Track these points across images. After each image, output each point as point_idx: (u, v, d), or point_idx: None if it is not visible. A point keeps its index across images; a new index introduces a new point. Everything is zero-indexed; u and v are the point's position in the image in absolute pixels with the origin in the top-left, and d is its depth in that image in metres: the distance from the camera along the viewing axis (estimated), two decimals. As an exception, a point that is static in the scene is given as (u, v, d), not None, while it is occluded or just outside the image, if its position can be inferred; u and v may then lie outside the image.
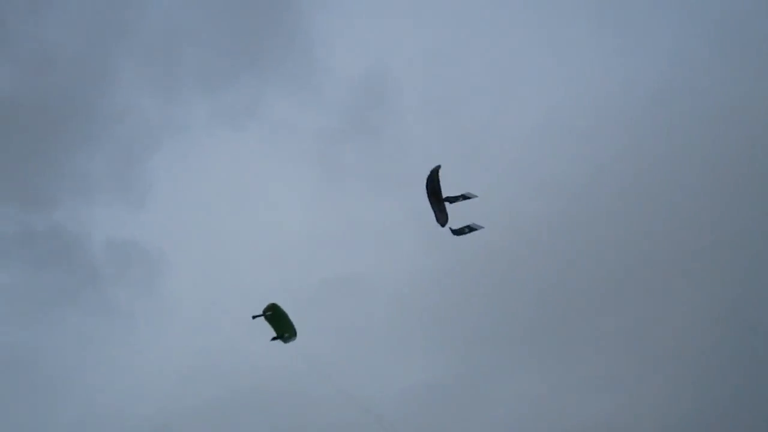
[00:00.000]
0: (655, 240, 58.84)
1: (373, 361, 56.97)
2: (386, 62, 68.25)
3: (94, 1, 67.00)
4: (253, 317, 37.54)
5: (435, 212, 33.59)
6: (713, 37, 63.73)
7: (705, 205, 59.09)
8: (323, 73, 67.65)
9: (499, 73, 68.81)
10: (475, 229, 34.02)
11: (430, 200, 33.43)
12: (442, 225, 33.79)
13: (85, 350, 60.03)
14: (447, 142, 64.96)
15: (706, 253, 58.21)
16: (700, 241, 58.86)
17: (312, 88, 67.77)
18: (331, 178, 66.46)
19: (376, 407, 54.57)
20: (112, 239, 64.35)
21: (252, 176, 68.37)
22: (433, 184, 33.02)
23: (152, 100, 66.62)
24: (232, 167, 68.49)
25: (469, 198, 33.39)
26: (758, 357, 54.23)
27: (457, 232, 34.03)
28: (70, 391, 57.91)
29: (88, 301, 61.27)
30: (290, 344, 38.84)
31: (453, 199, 33.34)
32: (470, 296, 56.83)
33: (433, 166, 32.77)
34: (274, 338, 37.95)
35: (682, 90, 62.36)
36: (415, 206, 61.65)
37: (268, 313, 37.16)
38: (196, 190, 68.81)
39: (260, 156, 67.52)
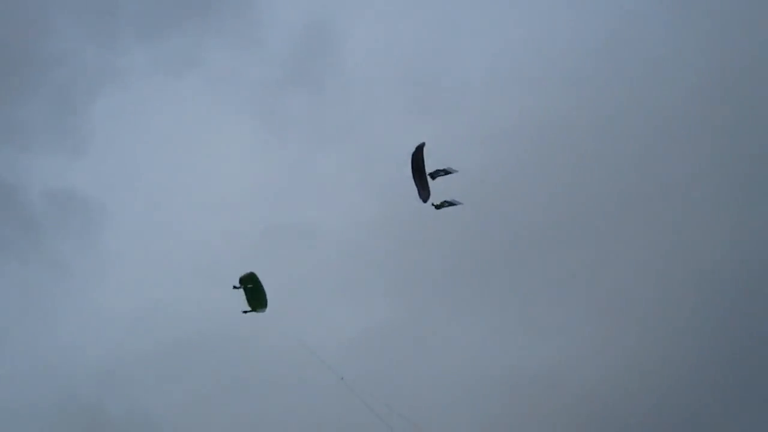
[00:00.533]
0: (600, 187, 59.65)
1: (321, 308, 57.09)
2: (330, 12, 67.56)
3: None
4: (234, 287, 37.41)
5: (418, 188, 33.73)
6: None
7: (652, 151, 60.02)
8: (265, 23, 66.63)
9: (446, 23, 68.44)
10: (455, 204, 34.46)
11: (414, 177, 33.53)
12: (425, 201, 33.98)
13: (24, 300, 59.35)
14: (391, 93, 64.75)
15: (652, 200, 59.31)
16: (645, 188, 59.87)
17: (253, 37, 66.68)
18: (274, 128, 65.74)
19: (324, 353, 55.17)
20: (50, 189, 63.05)
21: (193, 125, 67.34)
22: (417, 161, 33.10)
23: (90, 46, 64.78)
24: (172, 116, 67.24)
25: (450, 173, 33.77)
26: (702, 301, 55.59)
27: (439, 206, 34.22)
28: (10, 341, 57.07)
29: (27, 252, 60.19)
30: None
31: (435, 175, 33.55)
32: (415, 242, 57.09)
33: (417, 144, 33.02)
34: (245, 311, 38.13)
35: (628, 40, 62.85)
36: (359, 155, 62.28)
37: (249, 286, 37.28)
38: (136, 139, 67.57)
39: (201, 105, 66.63)
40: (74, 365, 55.66)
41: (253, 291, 37.50)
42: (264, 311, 38.41)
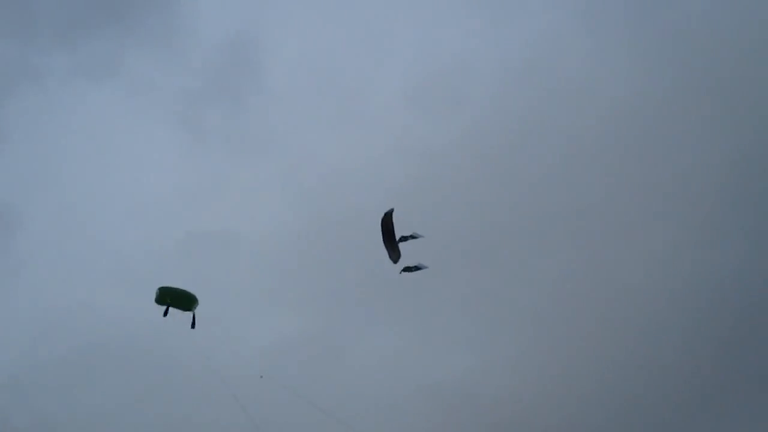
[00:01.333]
0: (519, 201, 61.10)
1: (237, 316, 56.91)
2: (252, 24, 68.16)
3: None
4: (164, 315, 37.81)
5: (388, 251, 34.73)
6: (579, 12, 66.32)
7: (567, 171, 61.76)
8: (187, 34, 66.32)
9: (367, 37, 69.35)
10: (421, 268, 35.13)
11: (384, 240, 34.57)
12: (395, 262, 34.88)
13: None
14: (311, 105, 65.35)
15: (570, 215, 60.93)
16: (563, 203, 61.44)
17: (175, 47, 66.60)
18: (194, 138, 65.42)
19: (237, 363, 54.87)
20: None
21: (111, 132, 66.46)
22: (387, 225, 34.22)
23: (7, 46, 63.20)
24: (90, 121, 66.10)
25: (416, 238, 34.68)
26: (614, 314, 57.18)
27: (408, 269, 34.96)
28: None
29: None
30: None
31: (404, 239, 34.49)
32: (332, 253, 57.51)
33: (385, 212, 34.16)
34: (192, 324, 38.84)
35: (549, 61, 64.74)
36: (279, 166, 62.38)
37: (169, 301, 37.38)
38: (52, 141, 65.93)
39: (120, 112, 65.88)
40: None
41: (177, 300, 37.40)
42: (198, 305, 38.25)
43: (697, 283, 56.25)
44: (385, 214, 34.23)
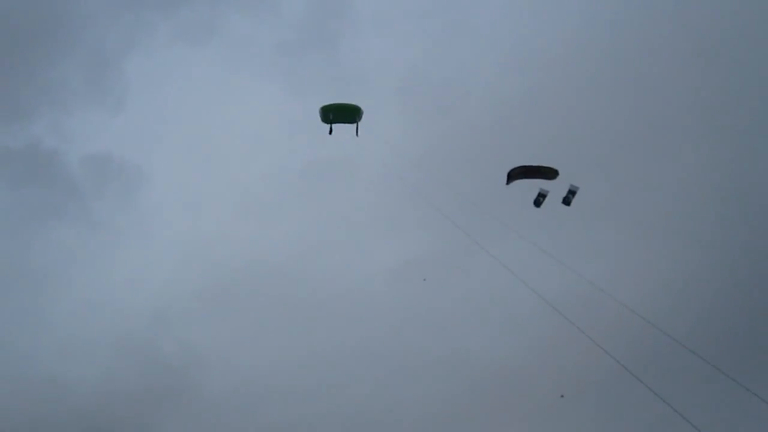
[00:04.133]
0: (637, 109, 59.35)
1: (362, 241, 58.53)
2: None
3: None
4: (330, 133, 37.88)
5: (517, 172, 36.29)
6: None
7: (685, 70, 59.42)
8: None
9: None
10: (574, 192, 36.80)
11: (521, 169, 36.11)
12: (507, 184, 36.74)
13: (72, 259, 60.91)
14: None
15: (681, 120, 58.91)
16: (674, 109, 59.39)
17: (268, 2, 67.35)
18: (293, 90, 66.12)
19: (367, 285, 56.61)
20: (89, 153, 64.77)
21: (217, 90, 68.08)
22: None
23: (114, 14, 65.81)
24: (196, 82, 68.38)
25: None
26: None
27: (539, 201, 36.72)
28: (62, 290, 59.07)
29: (70, 215, 62.08)
30: None
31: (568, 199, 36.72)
32: (453, 171, 57.49)
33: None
34: (357, 131, 38.49)
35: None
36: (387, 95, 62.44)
37: (332, 118, 37.54)
38: (165, 102, 68.63)
39: (223, 70, 67.68)
40: (128, 304, 57.53)
41: (340, 114, 37.70)
42: (363, 114, 38.37)
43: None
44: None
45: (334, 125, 38.19)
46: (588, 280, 35.46)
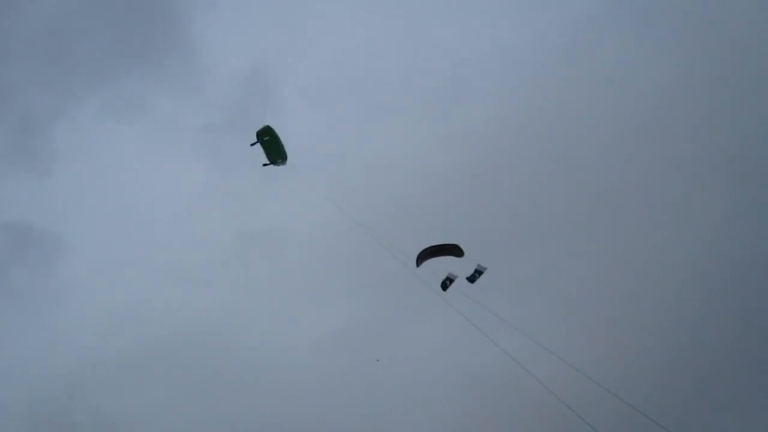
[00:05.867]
0: (563, 189, 61.20)
1: (287, 311, 58.35)
2: (268, 57, 68.97)
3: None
4: (251, 144, 37.41)
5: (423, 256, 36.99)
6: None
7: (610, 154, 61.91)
8: (205, 70, 67.35)
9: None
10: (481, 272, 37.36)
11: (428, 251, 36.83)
12: (417, 266, 37.10)
13: None
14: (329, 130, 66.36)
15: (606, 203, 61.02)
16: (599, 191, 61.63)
17: (195, 85, 67.64)
18: (218, 168, 66.21)
19: (291, 355, 56.32)
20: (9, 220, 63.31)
21: (143, 165, 67.69)
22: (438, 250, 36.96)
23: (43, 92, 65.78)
24: (122, 156, 67.53)
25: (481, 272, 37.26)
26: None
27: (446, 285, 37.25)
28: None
29: None
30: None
31: (473, 278, 37.25)
32: (377, 245, 58.23)
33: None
34: (265, 164, 38.03)
35: (599, 38, 64.69)
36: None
37: (265, 138, 37.17)
38: (90, 172, 67.26)
39: (149, 147, 66.66)
40: (42, 371, 55.86)
41: (270, 143, 37.33)
42: (284, 164, 38.20)
43: (748, 266, 56.00)
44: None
45: (258, 146, 38.04)
46: (511, 356, 35.80)
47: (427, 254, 37.11)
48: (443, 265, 37.65)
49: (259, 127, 37.55)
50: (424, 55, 66.77)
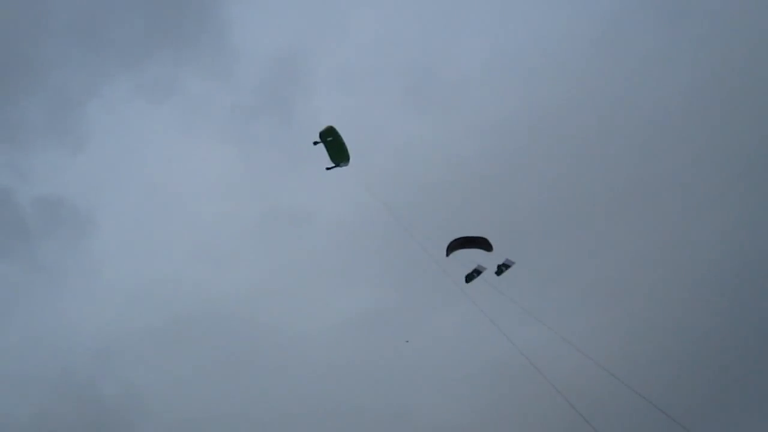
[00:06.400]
0: (593, 182, 60.70)
1: (316, 292, 58.61)
2: (299, 40, 69.44)
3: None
4: (314, 143, 36.50)
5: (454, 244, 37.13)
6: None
7: (647, 144, 61.13)
8: (235, 53, 68.21)
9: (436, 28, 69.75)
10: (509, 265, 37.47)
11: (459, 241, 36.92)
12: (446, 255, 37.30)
13: (15, 296, 60.47)
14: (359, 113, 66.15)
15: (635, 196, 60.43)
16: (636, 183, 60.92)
17: (225, 67, 68.59)
18: (246, 149, 67.39)
19: (316, 336, 56.54)
20: (42, 193, 64.69)
21: (173, 144, 69.46)
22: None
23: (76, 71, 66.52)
24: (154, 135, 69.70)
25: (509, 266, 37.38)
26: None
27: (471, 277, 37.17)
28: (12, 320, 58.50)
29: (16, 253, 61.65)
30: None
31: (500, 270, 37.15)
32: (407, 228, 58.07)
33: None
34: (329, 168, 37.26)
35: (626, 32, 64.25)
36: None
37: (329, 138, 36.30)
38: (123, 150, 69.89)
39: (180, 127, 68.85)
40: (70, 342, 56.70)
41: (334, 144, 36.46)
42: (347, 165, 37.31)
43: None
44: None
45: (322, 146, 37.71)
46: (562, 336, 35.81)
47: (456, 245, 37.27)
48: (473, 256, 37.62)
49: (322, 127, 36.55)
50: (456, 45, 66.77)
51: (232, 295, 58.32)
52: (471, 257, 37.69)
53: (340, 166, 37.33)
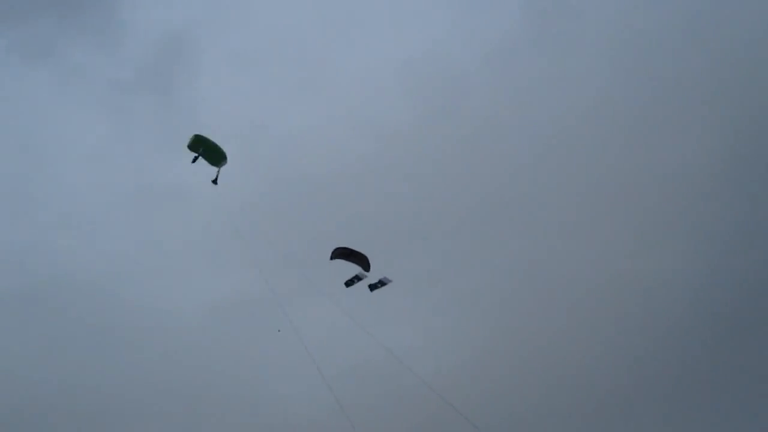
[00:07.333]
0: (474, 191, 62.36)
1: (185, 272, 57.66)
2: (191, 21, 68.52)
3: None
4: (192, 162, 36.77)
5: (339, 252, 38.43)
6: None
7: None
8: (123, 27, 66.77)
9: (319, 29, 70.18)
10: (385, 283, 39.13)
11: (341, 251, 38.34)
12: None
13: None
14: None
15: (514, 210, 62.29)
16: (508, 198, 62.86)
17: (111, 39, 66.80)
18: (123, 124, 65.70)
19: (185, 319, 55.61)
20: None
21: (46, 112, 66.04)
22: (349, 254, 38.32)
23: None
24: (27, 99, 66.04)
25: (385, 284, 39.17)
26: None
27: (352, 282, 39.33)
28: None
29: None
30: None
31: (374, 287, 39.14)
32: (283, 219, 58.13)
33: None
34: (215, 180, 37.76)
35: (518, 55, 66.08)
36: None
37: (201, 150, 36.47)
38: None
39: (56, 93, 65.75)
40: None
41: (208, 150, 36.68)
42: (226, 163, 37.58)
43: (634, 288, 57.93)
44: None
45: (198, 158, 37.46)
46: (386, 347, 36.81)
47: (339, 253, 38.83)
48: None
49: (187, 140, 36.61)
50: (357, 41, 67.34)
51: (94, 267, 56.72)
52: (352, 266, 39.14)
53: (221, 166, 37.67)
